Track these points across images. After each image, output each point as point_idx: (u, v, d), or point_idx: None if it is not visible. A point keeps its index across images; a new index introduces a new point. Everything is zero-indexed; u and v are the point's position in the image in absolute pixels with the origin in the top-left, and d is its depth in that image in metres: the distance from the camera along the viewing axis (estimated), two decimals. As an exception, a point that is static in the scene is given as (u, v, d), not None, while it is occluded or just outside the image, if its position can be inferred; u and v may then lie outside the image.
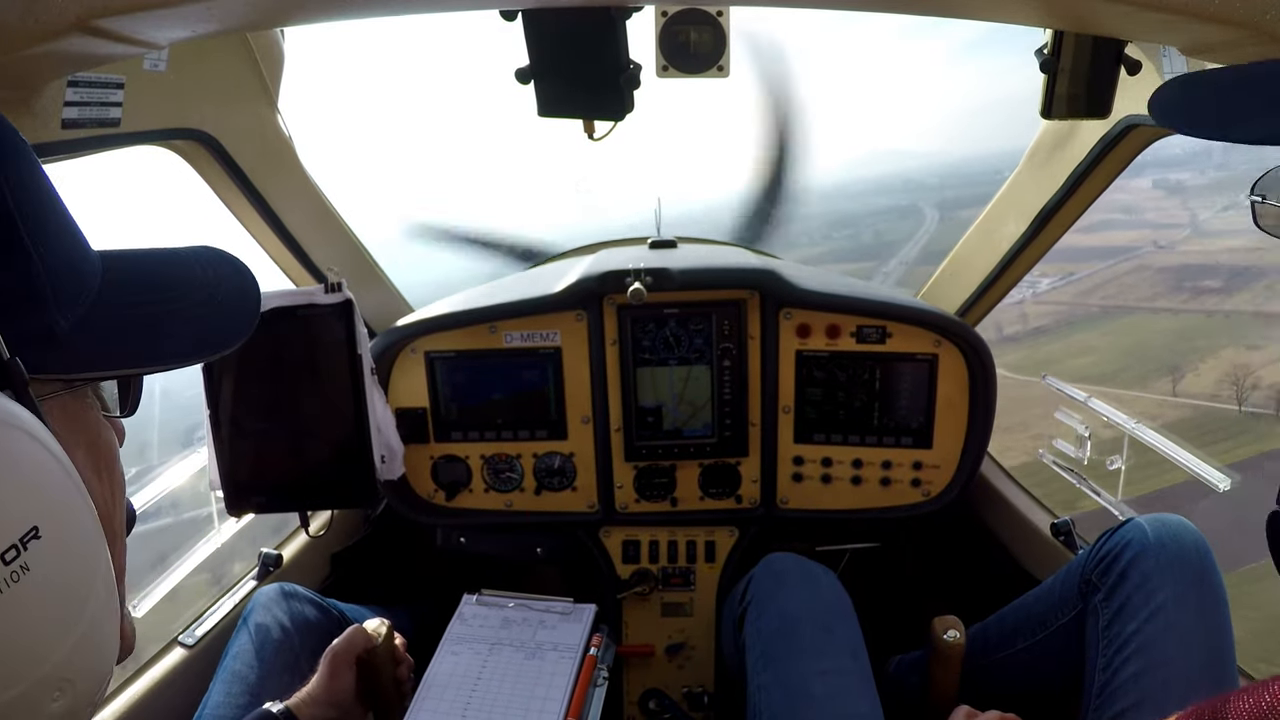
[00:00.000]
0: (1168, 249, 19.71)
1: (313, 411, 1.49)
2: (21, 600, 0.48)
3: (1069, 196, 1.51)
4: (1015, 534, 1.84)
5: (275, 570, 1.70)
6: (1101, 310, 17.74)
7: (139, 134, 1.21)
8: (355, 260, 1.88)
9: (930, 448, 1.74)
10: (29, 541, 0.49)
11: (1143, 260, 19.34)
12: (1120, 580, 1.23)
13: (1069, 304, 17.64)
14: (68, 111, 1.00)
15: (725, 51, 1.26)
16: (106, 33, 0.79)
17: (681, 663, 1.89)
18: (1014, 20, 1.03)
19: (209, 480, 1.50)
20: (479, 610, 1.60)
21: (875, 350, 1.72)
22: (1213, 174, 20.25)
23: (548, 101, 1.26)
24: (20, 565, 0.49)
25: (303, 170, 1.67)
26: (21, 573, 0.48)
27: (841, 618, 1.40)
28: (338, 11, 1.00)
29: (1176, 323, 16.85)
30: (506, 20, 1.15)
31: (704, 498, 1.82)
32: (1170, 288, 18.09)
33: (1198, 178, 20.58)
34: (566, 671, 1.43)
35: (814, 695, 1.24)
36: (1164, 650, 1.14)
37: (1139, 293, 18.33)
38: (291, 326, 1.43)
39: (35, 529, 0.50)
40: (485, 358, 1.75)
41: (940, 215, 17.09)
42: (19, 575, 0.48)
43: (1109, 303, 17.97)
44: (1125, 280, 18.70)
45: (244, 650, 1.36)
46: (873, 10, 1.01)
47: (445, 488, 1.81)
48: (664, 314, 1.71)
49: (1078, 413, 1.88)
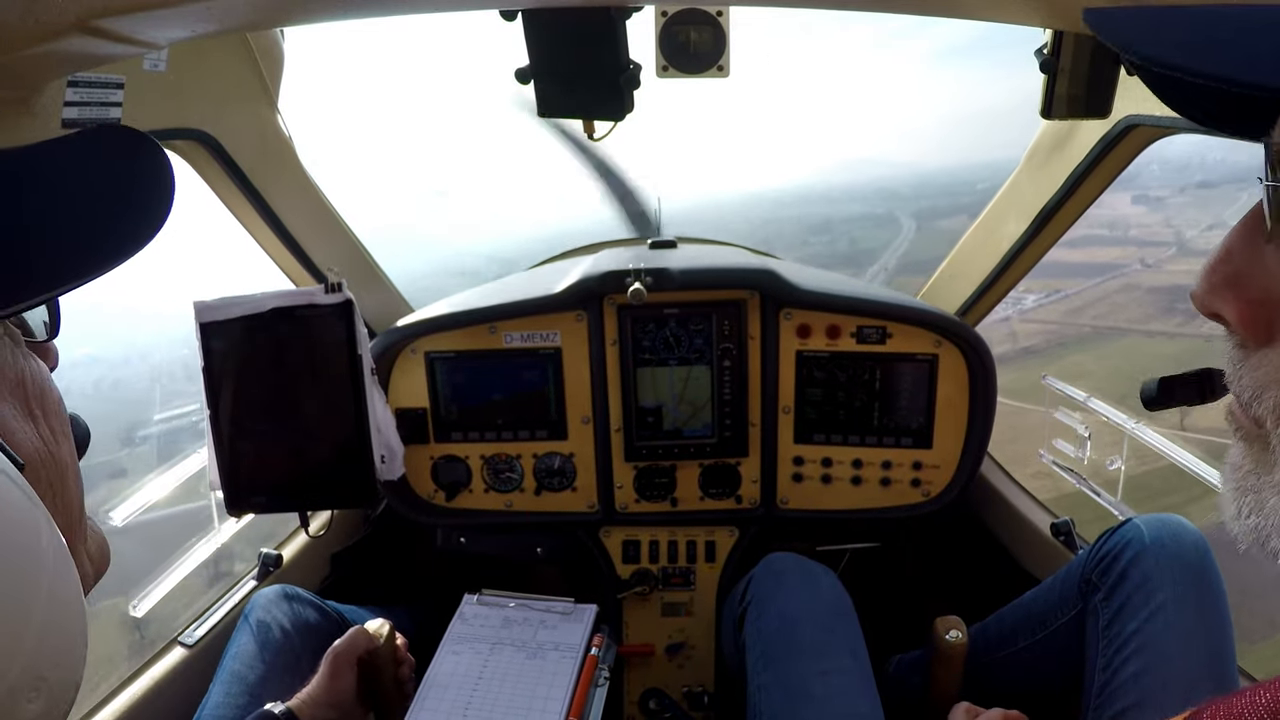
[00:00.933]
0: (1155, 268, 19.47)
1: (313, 412, 1.49)
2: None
3: (1069, 196, 1.51)
4: (1015, 534, 1.84)
5: (275, 570, 1.70)
6: (1094, 331, 17.36)
7: None
8: (355, 260, 1.88)
9: (930, 448, 1.74)
10: None
11: (1130, 279, 19.01)
12: (1120, 580, 1.24)
13: (1058, 323, 17.28)
14: (68, 111, 1.00)
15: (725, 51, 1.26)
16: (106, 33, 0.79)
17: (681, 663, 1.89)
18: (1014, 20, 1.03)
19: (209, 480, 1.50)
20: (480, 610, 1.61)
21: (875, 350, 1.72)
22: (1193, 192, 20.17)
23: (548, 101, 1.26)
24: None
25: (303, 170, 1.67)
26: None
27: (842, 617, 1.40)
28: (338, 11, 1.00)
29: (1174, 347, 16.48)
30: (506, 20, 1.15)
31: (704, 498, 1.82)
32: (1162, 309, 17.69)
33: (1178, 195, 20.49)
34: (568, 671, 1.43)
35: (814, 695, 1.24)
36: (1164, 649, 1.14)
37: (1130, 313, 18.01)
38: (291, 326, 1.43)
39: None
40: (485, 358, 1.75)
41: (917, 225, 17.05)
42: None
43: (1100, 323, 17.61)
44: (1115, 300, 18.37)
45: (244, 651, 1.36)
46: (872, 10, 1.01)
47: (445, 488, 1.81)
48: (664, 314, 1.71)
49: (1078, 412, 1.88)
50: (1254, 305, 0.41)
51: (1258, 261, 0.41)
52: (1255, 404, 0.42)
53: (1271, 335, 0.41)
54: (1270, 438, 0.41)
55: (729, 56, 1.26)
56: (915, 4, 1.02)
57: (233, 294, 1.41)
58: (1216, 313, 0.43)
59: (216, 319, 1.40)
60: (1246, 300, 0.41)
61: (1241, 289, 0.42)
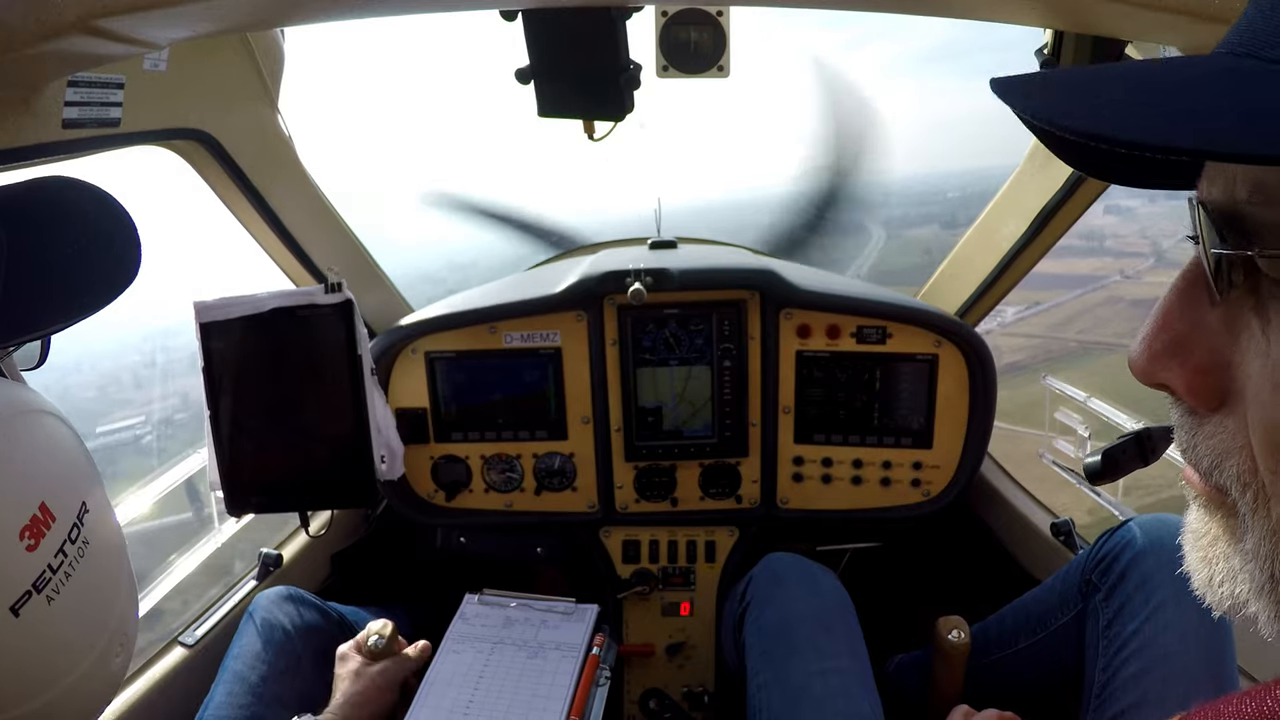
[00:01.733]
0: (1135, 279, 19.23)
1: (313, 412, 1.49)
2: (91, 573, 0.50)
3: (1069, 196, 1.51)
4: (1015, 534, 1.84)
5: (275, 570, 1.70)
6: (1080, 346, 16.93)
7: (139, 134, 1.21)
8: (355, 260, 1.88)
9: (930, 448, 1.74)
10: (84, 516, 0.50)
11: (1112, 291, 18.73)
12: (1120, 580, 1.24)
13: (1043, 337, 17.01)
14: (68, 112, 1.00)
15: (725, 51, 1.26)
16: (106, 33, 0.79)
17: (681, 663, 1.89)
18: (1014, 20, 1.03)
19: (209, 480, 1.50)
20: (481, 610, 1.60)
21: (875, 350, 1.72)
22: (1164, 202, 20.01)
23: (548, 102, 1.27)
24: (83, 540, 0.50)
25: (303, 170, 1.67)
26: (84, 547, 0.50)
27: (841, 617, 1.40)
28: (338, 11, 1.00)
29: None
30: (507, 20, 1.16)
31: (704, 498, 1.82)
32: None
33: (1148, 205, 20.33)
34: (569, 671, 1.43)
35: (814, 695, 1.24)
36: (1164, 649, 1.14)
37: (1116, 328, 17.54)
38: (291, 326, 1.43)
39: (84, 504, 0.50)
40: (485, 358, 1.75)
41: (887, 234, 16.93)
42: (83, 551, 0.49)
43: (1086, 337, 17.27)
44: (1099, 313, 17.94)
45: (246, 651, 1.36)
46: (872, 10, 1.01)
47: (445, 488, 1.81)
48: (664, 314, 1.71)
49: (1078, 413, 1.88)
50: (1200, 373, 0.39)
51: (1200, 326, 0.39)
52: (1216, 473, 0.40)
53: (1223, 400, 0.39)
54: (1239, 506, 0.39)
55: (729, 56, 1.26)
56: (915, 4, 1.02)
57: (233, 294, 1.41)
58: (1161, 383, 0.41)
59: (216, 319, 1.40)
60: (1193, 368, 0.39)
61: (1186, 356, 0.40)
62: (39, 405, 0.52)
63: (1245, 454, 0.38)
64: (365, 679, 1.30)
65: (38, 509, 0.48)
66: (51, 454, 0.51)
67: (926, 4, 1.03)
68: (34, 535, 0.47)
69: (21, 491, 0.48)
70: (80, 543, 0.51)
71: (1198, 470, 0.42)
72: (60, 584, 0.48)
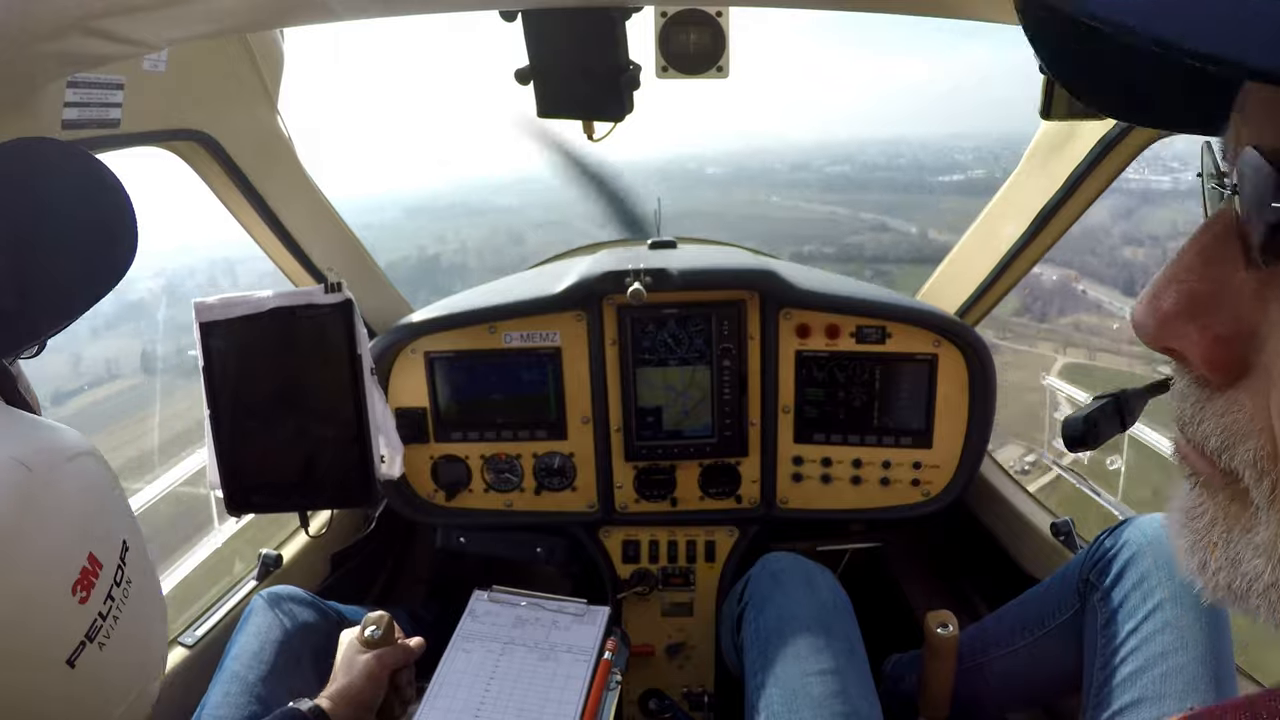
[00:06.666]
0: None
1: (312, 412, 1.49)
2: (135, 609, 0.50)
3: (1069, 197, 1.52)
4: (1014, 534, 1.84)
5: (275, 570, 1.70)
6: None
7: (139, 135, 1.21)
8: (355, 260, 1.88)
9: (930, 448, 1.74)
10: (125, 556, 0.50)
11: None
12: (1118, 579, 1.24)
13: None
14: (68, 112, 1.00)
15: (725, 52, 1.26)
16: (106, 33, 0.79)
17: (681, 663, 1.89)
18: (1014, 21, 1.03)
19: (208, 480, 1.50)
20: (491, 608, 1.59)
21: (875, 350, 1.72)
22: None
23: (547, 102, 1.27)
24: (127, 580, 0.50)
25: (302, 171, 1.67)
26: (128, 587, 0.50)
27: (840, 617, 1.40)
28: (338, 12, 1.00)
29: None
30: (506, 20, 1.16)
31: (704, 498, 1.82)
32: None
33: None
34: (581, 675, 1.42)
35: (812, 695, 1.24)
36: (1162, 648, 1.14)
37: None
38: (292, 326, 1.43)
39: (124, 543, 0.50)
40: (485, 358, 1.75)
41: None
42: (127, 592, 0.50)
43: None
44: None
45: (244, 651, 1.36)
46: (872, 10, 1.01)
47: (445, 488, 1.81)
48: (664, 314, 1.71)
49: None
50: (1221, 341, 0.34)
51: (1226, 287, 0.34)
52: (1225, 455, 0.35)
53: (1242, 373, 0.34)
54: (1252, 494, 0.35)
55: (729, 57, 1.26)
56: (915, 4, 1.02)
57: (232, 294, 1.41)
58: (1171, 348, 0.36)
59: (216, 319, 1.40)
60: (1213, 335, 0.34)
61: (1207, 320, 0.34)
62: (76, 447, 0.52)
63: (1265, 437, 0.33)
64: (360, 663, 1.30)
65: (86, 560, 0.48)
66: (94, 499, 0.52)
67: (927, 4, 1.03)
68: (84, 588, 0.48)
69: (71, 547, 0.48)
70: (125, 584, 0.52)
71: (1201, 448, 0.37)
72: (110, 629, 0.48)
